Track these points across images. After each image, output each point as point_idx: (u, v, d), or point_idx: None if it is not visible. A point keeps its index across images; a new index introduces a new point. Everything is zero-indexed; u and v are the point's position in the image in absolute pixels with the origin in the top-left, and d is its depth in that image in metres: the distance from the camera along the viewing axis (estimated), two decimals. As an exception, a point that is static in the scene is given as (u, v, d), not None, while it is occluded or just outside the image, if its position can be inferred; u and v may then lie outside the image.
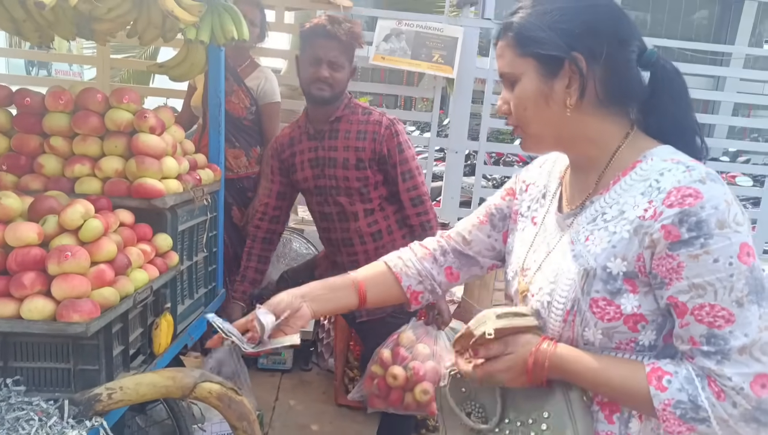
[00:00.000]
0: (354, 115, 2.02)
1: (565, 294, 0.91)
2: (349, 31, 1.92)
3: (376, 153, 1.99)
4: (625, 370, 0.86)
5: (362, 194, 2.02)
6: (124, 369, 1.41)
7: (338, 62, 1.93)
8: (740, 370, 0.78)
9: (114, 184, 1.57)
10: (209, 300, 2.01)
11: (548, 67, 0.90)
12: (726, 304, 0.79)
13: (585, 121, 0.92)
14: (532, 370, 0.92)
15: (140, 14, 1.84)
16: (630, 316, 0.86)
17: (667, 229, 0.81)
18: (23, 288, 1.22)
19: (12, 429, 1.16)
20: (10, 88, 1.63)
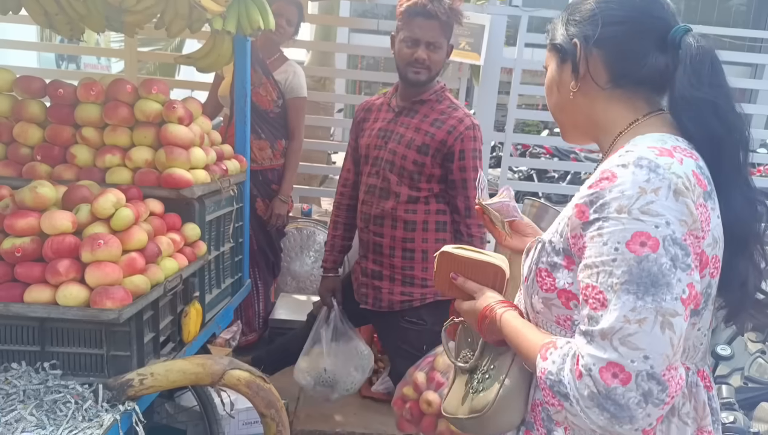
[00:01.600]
0: (439, 104, 1.99)
1: (528, 262, 0.98)
2: (450, 8, 1.86)
3: (445, 146, 1.94)
4: (535, 338, 0.91)
5: (412, 179, 1.98)
6: (154, 356, 1.44)
7: (437, 43, 1.89)
8: (595, 353, 0.78)
9: (144, 174, 1.59)
10: (235, 290, 2.03)
11: (559, 57, 0.99)
12: (603, 287, 0.80)
13: (592, 105, 0.96)
14: (480, 324, 1.01)
15: (167, 5, 1.86)
16: (562, 291, 0.90)
17: (579, 208, 0.84)
18: (58, 275, 1.25)
19: (50, 411, 1.20)
20: (44, 80, 1.66)
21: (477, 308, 1.02)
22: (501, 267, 1.06)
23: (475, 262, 1.07)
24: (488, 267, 1.06)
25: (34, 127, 1.62)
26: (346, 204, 2.24)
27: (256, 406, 1.34)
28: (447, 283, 1.10)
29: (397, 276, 2.06)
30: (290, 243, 3.43)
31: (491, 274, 1.06)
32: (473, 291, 1.05)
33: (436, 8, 1.85)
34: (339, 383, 2.18)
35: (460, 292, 1.09)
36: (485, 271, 1.06)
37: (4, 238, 1.27)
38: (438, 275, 1.11)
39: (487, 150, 3.76)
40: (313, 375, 2.17)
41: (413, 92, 1.99)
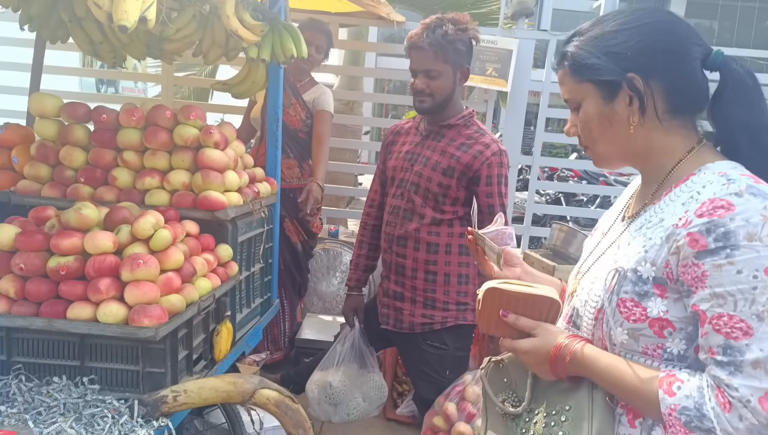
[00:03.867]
0: (466, 129, 2.03)
1: (599, 293, 0.94)
2: (444, 36, 1.90)
3: (471, 170, 1.97)
4: (641, 373, 0.87)
5: (437, 201, 2.01)
6: (187, 373, 1.48)
7: (433, 70, 1.93)
8: (750, 383, 0.77)
9: (181, 196, 1.65)
10: (264, 310, 2.07)
11: (606, 90, 0.94)
12: (745, 316, 0.79)
13: (650, 136, 0.95)
14: (554, 362, 0.95)
15: (205, 34, 1.95)
16: (656, 320, 0.87)
17: (693, 238, 0.82)
18: (99, 293, 1.30)
19: (89, 424, 1.24)
20: (89, 105, 1.75)
21: (545, 345, 0.96)
22: (555, 299, 1.00)
23: (527, 297, 1.00)
24: (542, 300, 1.00)
25: (78, 151, 1.70)
26: (372, 224, 2.28)
27: (285, 426, 1.36)
28: (495, 321, 1.02)
29: (419, 298, 2.07)
30: (317, 264, 3.48)
31: (545, 307, 1.00)
32: (530, 328, 0.99)
33: (426, 40, 1.90)
34: (341, 405, 2.19)
35: (509, 329, 1.02)
36: (539, 305, 1.00)
37: (49, 256, 1.34)
38: (484, 313, 1.03)
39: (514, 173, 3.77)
40: (320, 388, 2.18)
41: (440, 117, 2.02)
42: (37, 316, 1.30)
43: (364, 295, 2.36)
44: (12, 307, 1.31)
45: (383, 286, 2.18)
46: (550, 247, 2.84)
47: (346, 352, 2.23)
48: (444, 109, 2.00)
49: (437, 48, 1.90)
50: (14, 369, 1.34)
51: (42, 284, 1.32)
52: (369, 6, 3.10)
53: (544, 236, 4.07)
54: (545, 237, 4.11)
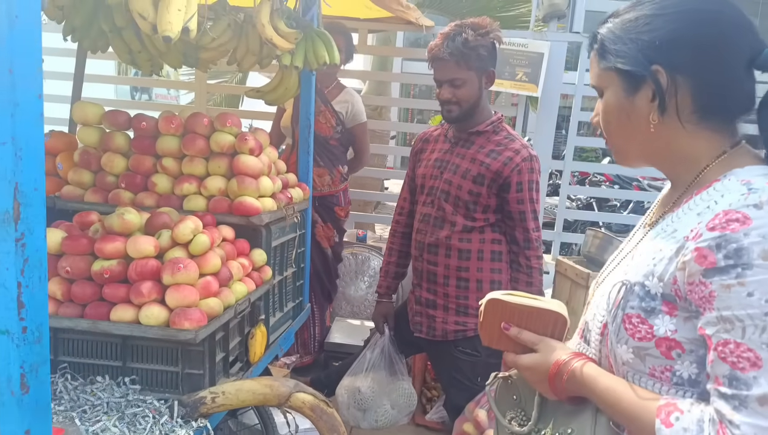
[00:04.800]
0: (495, 135, 2.02)
1: (606, 307, 0.88)
2: (464, 43, 1.89)
3: (501, 177, 1.95)
4: (640, 397, 0.80)
5: (468, 209, 2.00)
6: (224, 375, 1.50)
7: (457, 79, 1.92)
8: (754, 421, 0.69)
9: (217, 202, 1.69)
10: (297, 314, 2.10)
11: (629, 82, 0.86)
12: (754, 345, 0.70)
13: (672, 137, 0.86)
14: (552, 380, 0.91)
15: (240, 42, 1.99)
16: (663, 340, 0.80)
17: (701, 253, 0.74)
18: (141, 296, 1.34)
19: (131, 423, 1.27)
20: (129, 113, 1.80)
21: (545, 362, 0.91)
22: (561, 313, 0.96)
23: (530, 310, 0.96)
24: (547, 314, 0.96)
25: (119, 157, 1.75)
26: (401, 231, 2.28)
27: (320, 430, 1.38)
28: (496, 334, 0.99)
29: (451, 305, 2.07)
30: (345, 268, 3.50)
31: (550, 322, 0.96)
32: (532, 343, 0.95)
33: (447, 50, 1.90)
34: (370, 411, 2.19)
35: (512, 343, 0.98)
36: (543, 319, 0.96)
37: (94, 260, 1.38)
38: (485, 325, 1.00)
39: (545, 178, 3.74)
40: (349, 394, 2.20)
41: (468, 124, 2.02)
42: (82, 318, 1.34)
43: (394, 301, 2.37)
44: (59, 309, 1.36)
45: (415, 293, 2.19)
46: (584, 253, 2.80)
47: (376, 359, 2.24)
48: (472, 115, 1.99)
49: (459, 57, 1.89)
50: (60, 368, 1.38)
51: (87, 287, 1.36)
52: (398, 11, 3.11)
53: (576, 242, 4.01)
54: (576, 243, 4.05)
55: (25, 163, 0.78)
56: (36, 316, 0.80)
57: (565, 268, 2.75)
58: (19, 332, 0.78)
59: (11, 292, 0.78)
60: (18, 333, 0.78)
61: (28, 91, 0.78)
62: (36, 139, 0.80)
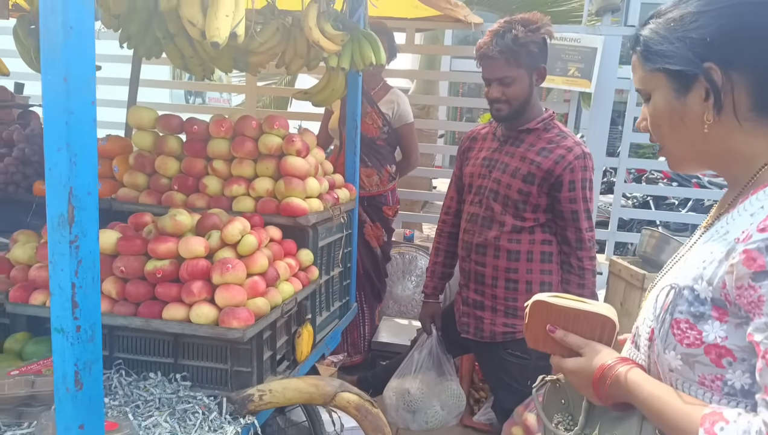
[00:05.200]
0: (546, 132, 1.96)
1: (654, 311, 0.85)
2: (515, 40, 1.84)
3: (552, 175, 1.90)
4: (684, 406, 0.77)
5: (517, 208, 1.96)
6: (271, 373, 1.53)
7: (506, 77, 1.88)
8: None
9: (265, 203, 1.71)
10: (343, 313, 2.11)
11: (679, 82, 0.83)
12: None
13: (728, 137, 0.82)
14: (596, 385, 0.88)
15: (288, 46, 2.02)
16: (712, 346, 0.76)
17: (749, 255, 0.71)
18: (192, 295, 1.37)
19: (181, 419, 1.31)
20: (181, 117, 1.86)
21: (590, 367, 0.89)
22: (609, 317, 0.93)
23: (577, 313, 0.94)
24: (594, 318, 0.94)
25: (172, 160, 1.81)
26: (448, 231, 2.25)
27: (365, 429, 1.38)
28: (542, 336, 0.98)
29: (500, 307, 2.02)
30: (392, 268, 3.50)
31: (598, 325, 0.93)
32: (578, 346, 0.93)
33: (496, 48, 1.84)
34: (419, 412, 2.17)
35: (558, 346, 0.96)
36: (591, 323, 0.94)
37: (147, 260, 1.43)
38: (531, 327, 0.99)
39: (599, 176, 3.61)
40: (398, 395, 2.18)
41: (518, 122, 1.97)
42: (136, 316, 1.39)
43: (441, 302, 2.35)
44: (114, 307, 1.41)
45: (462, 294, 2.15)
46: (640, 254, 2.69)
47: (424, 360, 2.23)
48: (522, 113, 1.94)
49: (509, 54, 1.84)
50: (115, 364, 1.43)
51: (140, 286, 1.40)
52: (446, 9, 3.08)
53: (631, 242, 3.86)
54: (632, 242, 3.90)
55: (79, 169, 0.81)
56: (89, 316, 0.83)
57: (619, 269, 2.65)
58: (74, 331, 0.81)
59: (66, 292, 0.81)
60: (72, 332, 0.81)
61: (82, 99, 0.81)
62: (89, 145, 0.83)
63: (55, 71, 0.78)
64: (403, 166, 3.16)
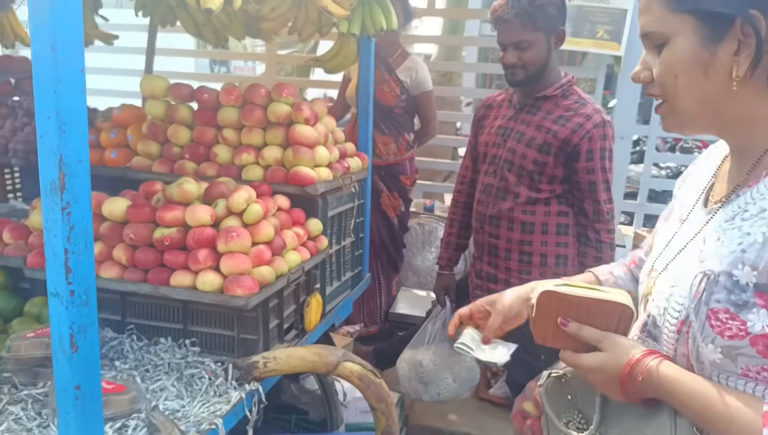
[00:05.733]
0: (565, 100, 1.90)
1: (682, 301, 0.78)
2: (530, 1, 1.78)
3: (569, 145, 1.84)
4: (737, 402, 0.70)
5: (532, 179, 1.91)
6: (279, 341, 1.55)
7: (523, 42, 1.83)
8: None
9: (274, 172, 1.71)
10: (355, 283, 2.11)
11: (712, 28, 0.72)
12: None
13: (754, 100, 0.74)
14: (625, 382, 0.80)
15: (299, 12, 1.98)
16: (760, 337, 0.69)
17: None
18: (198, 263, 1.39)
19: (188, 383, 1.34)
20: (192, 86, 1.85)
21: (615, 362, 0.81)
22: (627, 305, 0.85)
23: (592, 302, 0.86)
24: (610, 306, 0.85)
25: (183, 129, 1.81)
26: (463, 202, 2.22)
27: (368, 399, 1.39)
28: (552, 331, 0.89)
29: (513, 280, 2.00)
30: (412, 238, 3.48)
31: (615, 315, 0.85)
32: (596, 340, 0.84)
33: (512, 11, 1.78)
34: (431, 384, 2.18)
35: (570, 341, 0.87)
36: (607, 312, 0.85)
37: (156, 227, 1.45)
38: (538, 320, 0.90)
39: (628, 144, 3.49)
40: (410, 366, 2.20)
41: (534, 88, 1.90)
42: (145, 282, 1.42)
43: (456, 274, 2.33)
44: (124, 273, 1.44)
45: (476, 266, 2.14)
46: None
47: (437, 332, 2.23)
48: (539, 79, 1.87)
49: (525, 18, 1.77)
50: (128, 329, 1.47)
51: (149, 253, 1.43)
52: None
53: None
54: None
55: (69, 136, 0.81)
56: (83, 281, 0.85)
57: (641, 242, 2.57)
58: (68, 295, 0.83)
59: (59, 257, 0.82)
60: (66, 296, 0.83)
61: (71, 67, 0.81)
62: (79, 112, 0.83)
63: (42, 41, 0.78)
64: (422, 135, 3.12)
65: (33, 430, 1.13)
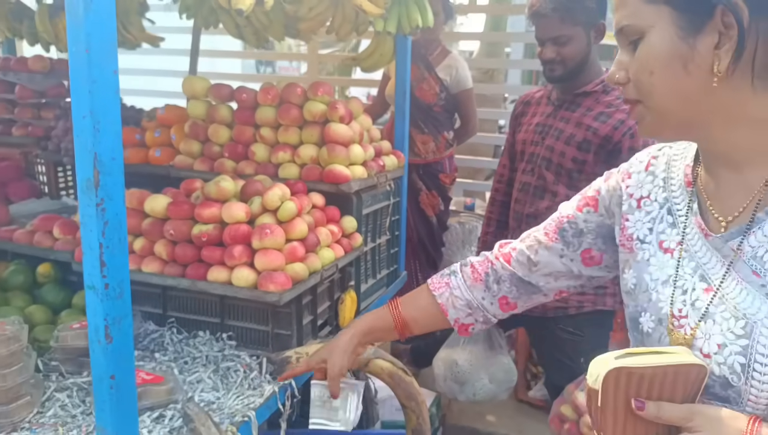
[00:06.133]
0: (606, 96, 1.84)
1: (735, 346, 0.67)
2: None
3: (610, 142, 1.79)
4: None
5: (571, 178, 1.86)
6: (312, 337, 1.57)
7: (561, 36, 1.78)
8: None
9: (309, 170, 1.73)
10: (391, 281, 2.11)
11: (690, 18, 0.67)
12: None
13: (738, 97, 0.68)
14: None
15: (336, 11, 2.00)
16: None
17: None
18: (233, 258, 1.42)
19: (224, 376, 1.38)
20: (232, 86, 1.90)
21: None
22: (702, 365, 0.69)
23: (667, 370, 0.68)
24: (687, 370, 0.68)
25: (223, 128, 1.86)
26: (501, 200, 2.18)
27: (398, 397, 1.39)
28: (623, 418, 0.70)
29: None
30: (452, 237, 3.45)
31: (691, 379, 0.68)
32: (684, 419, 0.68)
33: (549, 5, 1.73)
34: (467, 384, 2.15)
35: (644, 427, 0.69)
36: (683, 379, 0.68)
37: (194, 224, 1.49)
38: (607, 410, 0.70)
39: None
40: (446, 366, 2.17)
41: (573, 84, 1.85)
42: (184, 277, 1.46)
43: None
44: (164, 268, 1.49)
45: None
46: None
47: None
48: (578, 75, 1.82)
49: (563, 12, 1.72)
50: (168, 322, 1.53)
51: (188, 249, 1.47)
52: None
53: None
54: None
55: (103, 135, 0.84)
56: (116, 274, 0.88)
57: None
58: (102, 288, 0.86)
59: (95, 251, 0.86)
60: (101, 289, 0.87)
61: (104, 68, 0.84)
62: (113, 112, 0.86)
63: (77, 44, 0.81)
64: (461, 134, 3.09)
65: (77, 416, 1.18)
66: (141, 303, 1.54)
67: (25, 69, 2.44)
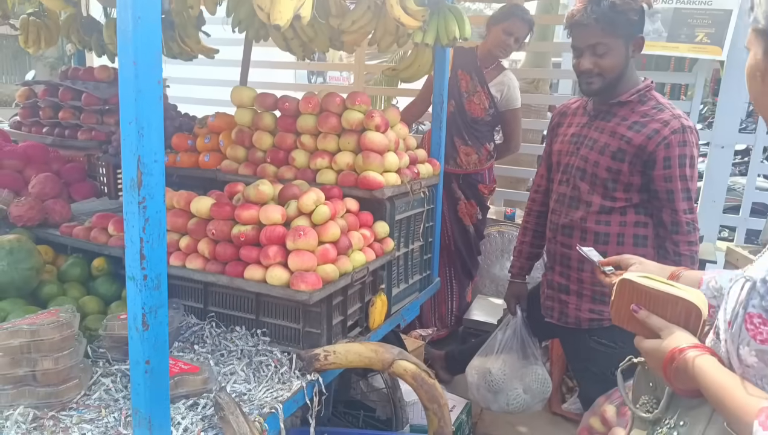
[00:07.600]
0: (642, 105, 1.82)
1: (732, 303, 0.82)
2: (611, 6, 1.70)
3: (645, 152, 1.76)
4: (745, 396, 0.75)
5: (606, 188, 1.85)
6: (342, 336, 1.62)
7: (601, 44, 1.74)
8: None
9: (345, 176, 1.80)
10: (424, 286, 2.15)
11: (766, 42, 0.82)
12: None
13: None
14: (665, 368, 0.87)
15: (378, 24, 2.07)
16: None
17: None
18: (268, 258, 1.50)
19: (256, 370, 1.45)
20: (275, 95, 1.99)
21: (663, 349, 0.89)
22: (695, 304, 0.91)
23: (662, 295, 0.94)
24: (679, 302, 0.92)
25: (267, 135, 1.96)
26: (537, 210, 2.18)
27: (420, 399, 1.42)
28: (626, 315, 0.99)
29: (586, 292, 1.93)
30: (491, 246, 3.45)
31: (682, 311, 0.92)
32: (658, 328, 0.92)
33: (591, 15, 1.70)
34: (501, 393, 2.14)
35: (640, 327, 0.96)
36: (675, 307, 0.92)
37: (234, 225, 1.58)
38: (617, 305, 1.01)
39: (729, 154, 3.23)
40: (479, 374, 2.17)
41: (609, 95, 1.84)
42: (223, 274, 1.55)
43: (528, 283, 2.29)
44: (206, 265, 1.58)
45: (547, 277, 2.09)
46: (764, 241, 2.40)
47: (507, 340, 2.20)
48: (615, 86, 1.80)
49: (605, 23, 1.70)
50: (209, 316, 1.62)
51: (228, 248, 1.56)
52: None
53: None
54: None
55: (146, 139, 0.93)
56: (155, 267, 0.96)
57: (736, 259, 2.38)
58: (141, 279, 0.95)
59: (136, 245, 0.94)
60: (140, 280, 0.95)
61: (149, 79, 0.92)
62: (156, 118, 0.95)
63: (126, 56, 0.90)
64: (503, 150, 3.09)
65: (119, 400, 1.28)
66: (185, 297, 1.64)
67: (91, 78, 2.63)
